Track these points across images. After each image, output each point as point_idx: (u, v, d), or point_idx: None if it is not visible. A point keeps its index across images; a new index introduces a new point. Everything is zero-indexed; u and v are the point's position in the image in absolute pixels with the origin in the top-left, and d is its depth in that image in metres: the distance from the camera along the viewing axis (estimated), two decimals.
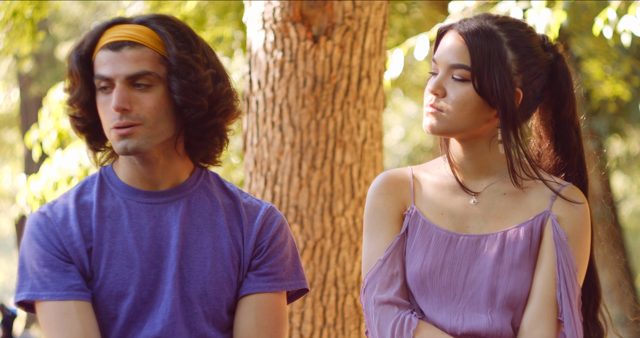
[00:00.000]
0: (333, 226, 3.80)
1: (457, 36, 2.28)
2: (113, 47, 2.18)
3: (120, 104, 2.15)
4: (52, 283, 2.17)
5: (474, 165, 2.34)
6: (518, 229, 2.28)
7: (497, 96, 2.24)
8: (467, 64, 2.25)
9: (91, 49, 2.22)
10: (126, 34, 2.19)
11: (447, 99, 2.27)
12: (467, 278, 2.27)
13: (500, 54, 2.25)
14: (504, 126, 2.26)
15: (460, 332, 2.25)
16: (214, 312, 2.23)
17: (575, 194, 2.32)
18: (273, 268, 2.27)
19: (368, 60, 3.89)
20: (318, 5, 3.81)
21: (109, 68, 2.17)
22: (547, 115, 2.38)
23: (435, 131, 2.29)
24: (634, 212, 22.92)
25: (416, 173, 2.39)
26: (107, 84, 2.19)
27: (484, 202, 2.32)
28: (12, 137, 20.79)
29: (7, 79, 20.45)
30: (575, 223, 2.29)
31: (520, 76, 2.28)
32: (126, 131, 2.17)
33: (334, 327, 3.78)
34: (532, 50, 2.31)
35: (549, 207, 2.30)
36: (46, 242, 2.20)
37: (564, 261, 2.25)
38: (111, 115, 2.18)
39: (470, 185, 2.34)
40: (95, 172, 2.32)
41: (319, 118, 3.82)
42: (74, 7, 18.76)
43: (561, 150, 2.38)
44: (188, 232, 2.24)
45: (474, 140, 2.31)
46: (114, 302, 2.19)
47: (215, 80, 2.24)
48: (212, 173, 2.36)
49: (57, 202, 2.26)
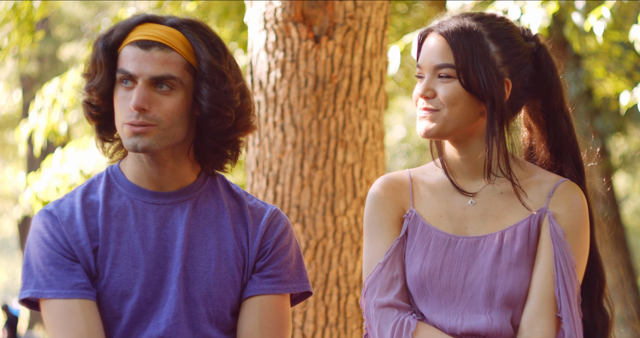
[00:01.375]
0: (335, 226, 3.80)
1: (438, 37, 2.31)
2: (142, 45, 2.19)
3: (140, 104, 2.16)
4: (57, 282, 2.18)
5: (470, 167, 2.34)
6: (515, 228, 2.29)
7: (484, 89, 2.26)
8: (451, 62, 2.27)
9: (119, 41, 2.21)
10: (158, 35, 2.19)
11: (438, 98, 2.28)
12: (466, 279, 2.28)
13: (482, 47, 2.28)
14: (490, 118, 2.27)
15: (459, 331, 2.25)
16: (217, 314, 2.23)
17: (572, 189, 2.32)
18: (277, 270, 2.28)
19: (369, 60, 3.89)
20: (319, 5, 3.82)
21: (135, 66, 2.18)
22: (536, 106, 2.39)
23: (431, 133, 2.29)
24: (636, 210, 22.90)
25: (414, 176, 2.39)
26: (129, 80, 2.19)
27: (482, 202, 2.33)
28: (15, 138, 20.79)
29: (10, 80, 20.47)
30: (572, 218, 2.29)
31: (507, 67, 2.30)
32: (140, 130, 2.17)
33: (336, 327, 3.78)
34: (514, 41, 2.32)
35: (546, 204, 2.30)
36: (52, 241, 2.20)
37: (561, 257, 2.25)
38: (128, 112, 2.18)
39: (467, 186, 2.35)
40: (102, 171, 2.33)
41: (320, 118, 3.82)
42: (76, 8, 18.76)
43: (554, 139, 2.39)
44: (193, 234, 2.25)
45: (468, 139, 2.32)
46: (118, 301, 2.20)
47: (242, 94, 2.25)
48: (220, 175, 2.36)
49: (64, 201, 2.26)
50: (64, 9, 18.68)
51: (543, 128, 2.40)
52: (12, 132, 20.61)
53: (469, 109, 2.28)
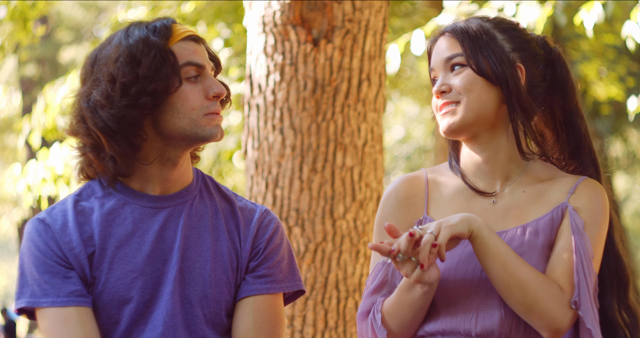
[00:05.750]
0: (334, 229, 3.80)
1: (445, 36, 2.34)
2: (194, 39, 2.27)
3: (223, 91, 2.24)
4: (53, 290, 2.17)
5: (491, 167, 2.33)
6: (537, 222, 2.27)
7: (496, 72, 2.27)
8: (459, 51, 2.30)
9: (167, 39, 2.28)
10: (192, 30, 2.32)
11: (454, 91, 2.29)
12: (482, 274, 2.24)
13: (488, 34, 2.30)
14: (510, 103, 2.28)
15: (474, 333, 2.22)
16: (213, 315, 2.23)
17: (594, 185, 2.31)
18: (270, 270, 2.28)
19: (368, 63, 3.89)
20: (318, 9, 3.82)
21: (199, 58, 2.25)
22: (553, 106, 2.39)
23: (454, 126, 2.28)
24: (635, 212, 22.92)
25: (431, 178, 2.38)
26: (198, 73, 2.25)
27: (504, 201, 2.32)
28: (14, 141, 20.81)
29: (9, 82, 20.49)
30: (591, 211, 2.28)
31: (517, 54, 2.31)
32: (219, 118, 2.24)
33: (335, 330, 3.78)
34: (521, 32, 2.35)
35: (567, 199, 2.29)
36: (46, 249, 2.20)
37: (581, 249, 2.23)
38: (207, 102, 2.23)
39: (488, 187, 2.34)
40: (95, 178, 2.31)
41: (319, 121, 3.82)
42: (76, 11, 18.78)
43: (573, 138, 2.39)
44: (189, 235, 2.25)
45: (488, 133, 2.31)
46: (116, 306, 2.19)
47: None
48: (208, 176, 2.37)
49: (56, 208, 2.26)
50: (64, 12, 18.69)
51: (561, 128, 2.39)
52: (12, 135, 20.62)
53: (486, 94, 2.28)
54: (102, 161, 2.22)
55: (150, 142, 2.22)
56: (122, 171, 2.22)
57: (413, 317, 2.25)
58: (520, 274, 2.17)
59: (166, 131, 2.21)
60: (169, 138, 2.22)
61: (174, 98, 2.20)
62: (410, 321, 2.26)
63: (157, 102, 2.18)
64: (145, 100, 2.17)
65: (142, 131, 2.20)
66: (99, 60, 2.22)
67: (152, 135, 2.22)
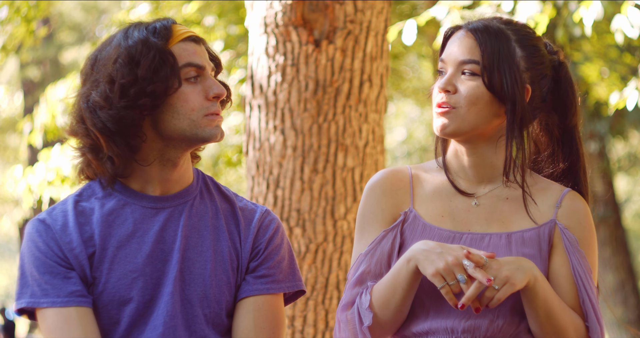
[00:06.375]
0: (335, 229, 3.80)
1: (466, 33, 2.30)
2: (194, 39, 2.27)
3: (224, 92, 2.24)
4: (53, 290, 2.17)
5: (475, 172, 2.33)
6: (523, 234, 2.28)
7: (507, 91, 2.25)
8: (477, 58, 2.27)
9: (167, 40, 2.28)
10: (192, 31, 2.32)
11: (459, 95, 2.27)
12: None
13: (509, 50, 2.27)
14: (511, 122, 2.27)
15: (459, 329, 2.23)
16: (213, 315, 2.23)
17: (578, 200, 2.32)
18: (270, 270, 2.28)
19: (369, 64, 3.90)
20: (320, 9, 3.82)
21: (199, 59, 2.24)
22: (553, 121, 2.38)
23: (447, 130, 2.28)
24: (637, 213, 22.90)
25: (415, 174, 2.38)
26: (197, 73, 2.24)
27: (486, 204, 2.32)
28: (16, 141, 20.81)
29: (11, 83, 20.50)
30: (582, 228, 2.29)
31: (529, 73, 2.30)
32: (220, 119, 2.23)
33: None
34: (539, 49, 2.32)
35: (554, 215, 2.30)
36: (46, 249, 2.20)
37: (579, 267, 2.25)
38: (207, 103, 2.22)
39: (471, 189, 2.33)
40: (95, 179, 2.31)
41: (320, 122, 3.82)
42: (77, 12, 18.79)
43: (568, 157, 2.38)
44: (190, 235, 2.25)
45: (479, 141, 2.31)
46: (116, 306, 2.19)
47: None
48: (208, 176, 2.37)
49: (56, 209, 2.25)
50: (66, 13, 18.70)
51: (556, 145, 2.39)
52: (14, 135, 20.63)
53: (487, 110, 2.27)
54: (101, 162, 2.22)
55: (150, 142, 2.22)
56: (120, 172, 2.22)
57: (403, 300, 2.23)
58: (561, 325, 2.22)
59: (166, 132, 2.21)
60: (169, 139, 2.22)
61: (174, 99, 2.20)
62: (399, 305, 2.24)
63: (156, 103, 2.18)
64: (144, 102, 2.17)
65: (141, 132, 2.20)
66: (99, 61, 2.22)
67: (152, 136, 2.22)
